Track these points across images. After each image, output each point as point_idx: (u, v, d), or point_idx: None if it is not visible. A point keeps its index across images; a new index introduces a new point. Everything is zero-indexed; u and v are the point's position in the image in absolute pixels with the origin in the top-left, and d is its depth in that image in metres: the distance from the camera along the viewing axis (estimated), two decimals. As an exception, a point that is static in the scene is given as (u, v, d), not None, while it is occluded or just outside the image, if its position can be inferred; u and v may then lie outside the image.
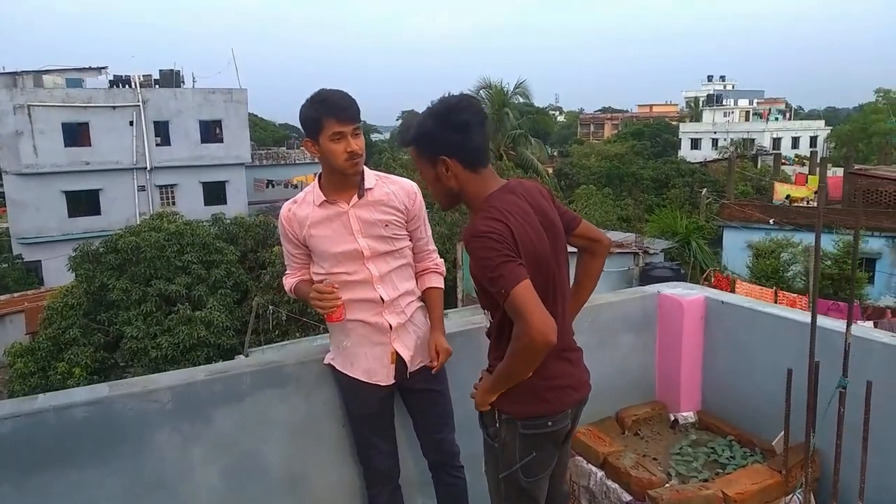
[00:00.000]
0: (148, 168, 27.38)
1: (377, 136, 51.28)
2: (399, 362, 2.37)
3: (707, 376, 3.34)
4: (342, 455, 2.58)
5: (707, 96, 68.25)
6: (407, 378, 2.39)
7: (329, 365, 2.45)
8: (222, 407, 2.37)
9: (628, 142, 44.26)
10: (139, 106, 27.08)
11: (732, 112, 60.86)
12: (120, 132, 26.83)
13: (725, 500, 2.57)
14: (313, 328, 13.53)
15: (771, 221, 19.67)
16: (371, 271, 2.30)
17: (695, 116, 64.52)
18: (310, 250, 2.36)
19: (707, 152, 48.53)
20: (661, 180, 31.84)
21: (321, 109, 2.17)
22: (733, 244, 19.98)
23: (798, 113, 69.47)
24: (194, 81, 31.02)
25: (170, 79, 29.77)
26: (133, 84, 28.05)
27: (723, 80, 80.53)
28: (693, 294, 3.32)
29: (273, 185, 32.48)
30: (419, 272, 2.48)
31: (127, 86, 28.10)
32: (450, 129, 1.85)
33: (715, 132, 52.90)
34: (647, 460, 2.94)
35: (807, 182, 26.83)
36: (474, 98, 1.94)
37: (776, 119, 56.73)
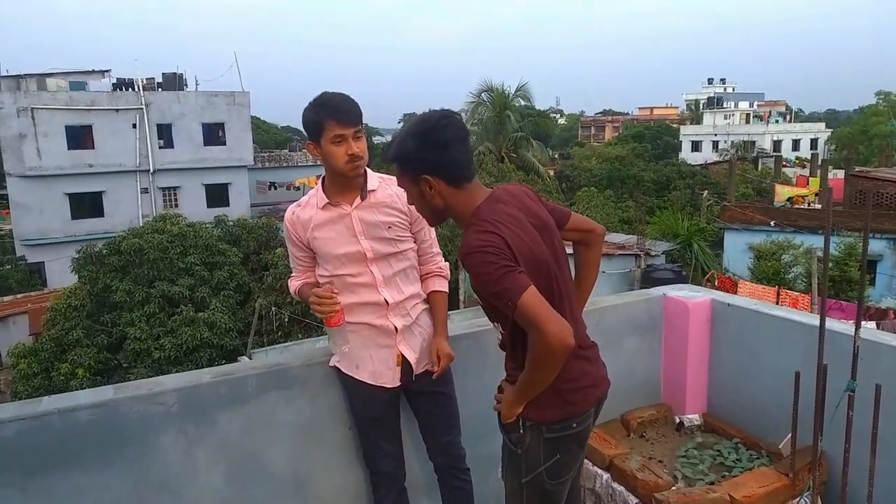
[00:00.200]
0: (151, 170, 27.42)
1: (379, 139, 51.28)
2: (405, 365, 2.37)
3: (713, 378, 3.33)
4: (348, 458, 2.57)
5: (707, 99, 68.31)
6: (413, 380, 2.39)
7: (335, 367, 2.45)
8: (227, 409, 2.36)
9: (629, 144, 44.26)
10: (142, 109, 27.13)
11: (733, 114, 60.84)
12: (123, 135, 26.89)
13: (732, 503, 2.56)
14: (316, 329, 13.53)
15: (772, 223, 19.64)
16: (374, 274, 2.30)
17: (695, 119, 64.53)
18: (314, 253, 2.36)
19: (708, 154, 48.53)
20: (662, 182, 31.81)
21: (322, 112, 2.18)
22: (734, 246, 19.93)
23: (798, 115, 69.48)
24: (197, 84, 31.13)
25: (173, 82, 29.79)
26: (136, 87, 28.08)
27: (723, 83, 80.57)
28: (699, 296, 3.31)
29: (275, 188, 32.53)
30: (423, 275, 2.47)
31: (130, 89, 28.14)
32: (430, 148, 1.81)
33: (715, 134, 52.89)
34: (653, 463, 2.93)
35: (808, 184, 26.82)
36: (454, 114, 1.89)
37: (777, 121, 56.67)
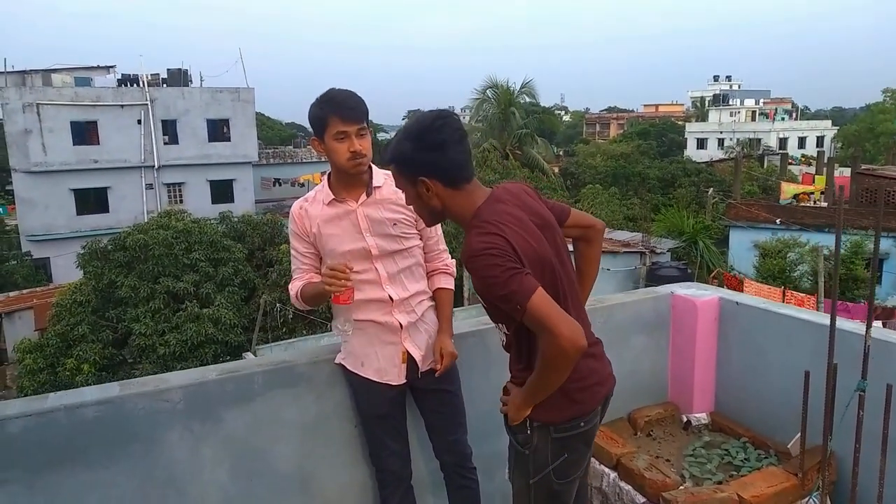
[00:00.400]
0: (156, 166, 27.46)
1: (383, 136, 51.29)
2: (410, 362, 2.35)
3: (720, 377, 3.31)
4: (353, 455, 2.56)
5: (713, 96, 68.07)
6: (418, 378, 2.37)
7: (340, 365, 2.44)
8: (233, 406, 2.35)
9: (634, 141, 44.15)
10: (147, 105, 27.16)
11: (738, 112, 60.63)
12: (128, 131, 26.93)
13: (741, 503, 2.54)
14: (320, 326, 13.54)
15: (777, 221, 19.57)
16: (379, 271, 2.29)
17: (701, 116, 64.29)
18: (318, 250, 2.35)
19: (713, 152, 48.36)
20: (667, 180, 31.75)
21: (327, 108, 2.17)
22: (739, 244, 19.87)
23: (804, 113, 69.19)
24: (202, 80, 31.14)
25: (177, 78, 29.84)
26: (141, 83, 28.15)
27: (729, 80, 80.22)
28: (707, 295, 3.28)
29: (280, 184, 32.57)
30: (429, 272, 2.46)
31: (135, 85, 28.21)
32: (426, 150, 1.79)
33: (721, 132, 52.70)
34: (661, 462, 2.91)
35: (813, 182, 26.71)
36: (451, 115, 1.85)
37: (782, 119, 56.43)
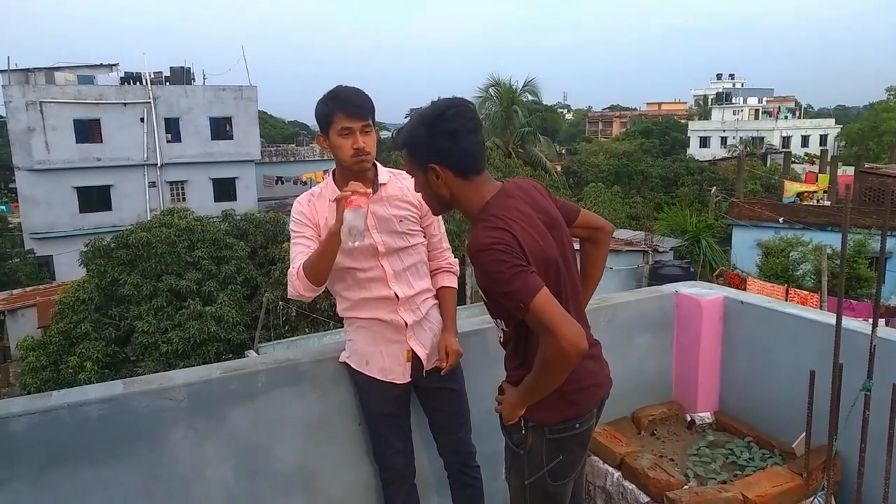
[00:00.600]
0: (158, 164, 27.47)
1: (385, 134, 51.24)
2: (415, 360, 2.35)
3: (725, 376, 3.30)
4: (357, 454, 2.56)
5: (716, 94, 67.90)
6: (423, 376, 2.37)
7: (345, 363, 2.43)
8: (237, 405, 2.35)
9: (637, 140, 44.07)
10: (150, 103, 27.16)
11: (742, 110, 60.47)
12: (131, 129, 26.93)
13: (746, 503, 2.54)
14: (323, 324, 13.55)
15: (780, 220, 19.52)
16: (385, 268, 2.28)
17: (704, 114, 64.13)
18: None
19: (716, 150, 48.28)
20: (670, 178, 31.72)
21: (332, 104, 2.17)
22: (742, 243, 19.83)
23: (808, 111, 68.99)
24: (205, 79, 31.12)
25: (180, 76, 29.83)
26: (144, 81, 28.13)
27: (732, 78, 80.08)
28: (711, 294, 3.27)
29: (282, 182, 32.56)
30: (432, 271, 2.46)
31: (138, 83, 28.19)
32: (439, 137, 1.77)
33: (724, 130, 52.61)
34: (665, 461, 2.90)
35: (817, 181, 26.64)
36: (467, 104, 1.83)
37: (786, 117, 56.27)
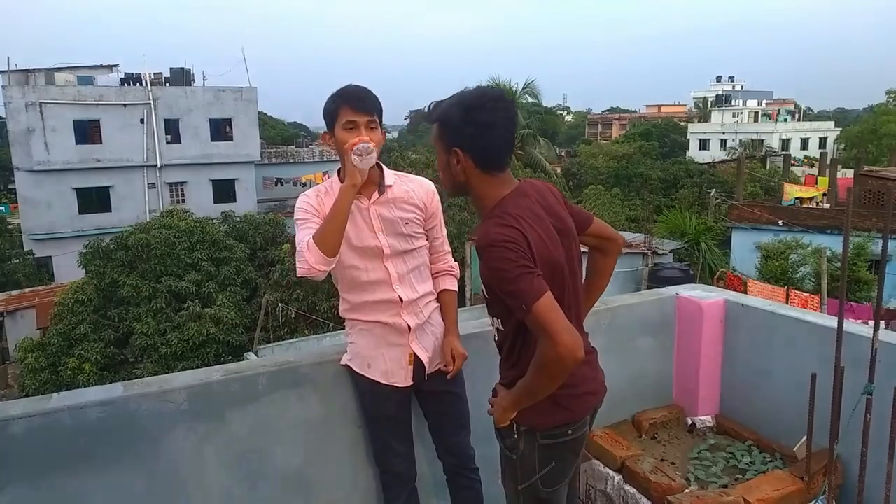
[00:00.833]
0: (158, 165, 27.48)
1: (392, 136, 51.28)
2: (417, 364, 2.34)
3: (725, 380, 3.30)
4: (358, 457, 2.55)
5: (716, 97, 67.93)
6: (425, 380, 2.36)
7: (346, 366, 2.43)
8: (238, 408, 2.34)
9: (636, 142, 44.06)
10: (150, 104, 27.17)
11: (741, 113, 60.48)
12: (131, 130, 26.94)
13: (746, 507, 2.53)
14: (322, 326, 13.54)
15: (780, 223, 19.53)
16: (389, 271, 2.28)
17: (703, 117, 64.20)
18: None
19: (716, 153, 48.29)
20: (670, 181, 31.72)
21: (339, 100, 2.18)
22: (742, 245, 19.83)
23: (807, 114, 69.00)
24: (204, 80, 31.10)
25: (180, 77, 29.82)
26: (144, 82, 28.12)
27: (731, 81, 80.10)
28: (712, 296, 3.27)
29: (282, 184, 32.56)
30: (434, 274, 2.45)
31: (138, 84, 28.18)
32: (471, 124, 1.77)
33: (724, 133, 52.63)
34: (666, 465, 2.89)
35: (816, 183, 26.63)
36: (508, 101, 1.82)
37: (785, 120, 56.29)
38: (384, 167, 2.32)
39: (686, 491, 2.66)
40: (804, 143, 51.83)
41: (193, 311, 13.49)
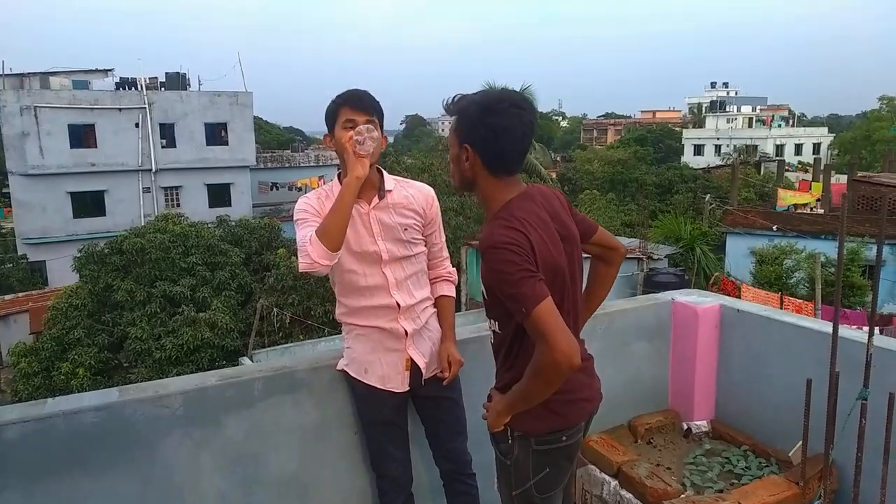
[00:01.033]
0: (153, 170, 27.43)
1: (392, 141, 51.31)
2: (413, 369, 2.34)
3: (721, 385, 3.31)
4: (354, 462, 2.55)
5: (710, 102, 68.29)
6: (422, 385, 2.36)
7: (342, 371, 2.42)
8: (233, 413, 2.34)
9: (631, 147, 44.21)
10: (145, 108, 27.16)
11: (735, 118, 60.78)
12: (126, 134, 26.91)
13: (742, 512, 2.53)
14: (317, 331, 13.51)
15: (774, 228, 19.61)
16: (387, 276, 2.28)
17: (698, 122, 64.49)
18: None
19: (710, 158, 48.54)
20: (665, 186, 31.84)
21: (339, 101, 2.22)
22: (736, 250, 19.91)
23: (801, 120, 69.39)
24: (200, 84, 31.12)
25: (176, 81, 29.80)
26: (139, 86, 28.10)
27: (726, 87, 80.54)
28: (708, 302, 3.28)
29: (277, 188, 32.53)
30: (432, 279, 2.46)
31: (133, 88, 28.16)
32: (485, 126, 1.78)
33: (718, 138, 52.92)
34: (662, 470, 2.90)
35: (810, 189, 26.74)
36: (529, 108, 1.82)
37: (779, 126, 56.56)
38: (384, 172, 2.33)
39: (682, 496, 2.67)
40: (798, 149, 52.15)
41: (188, 316, 13.45)
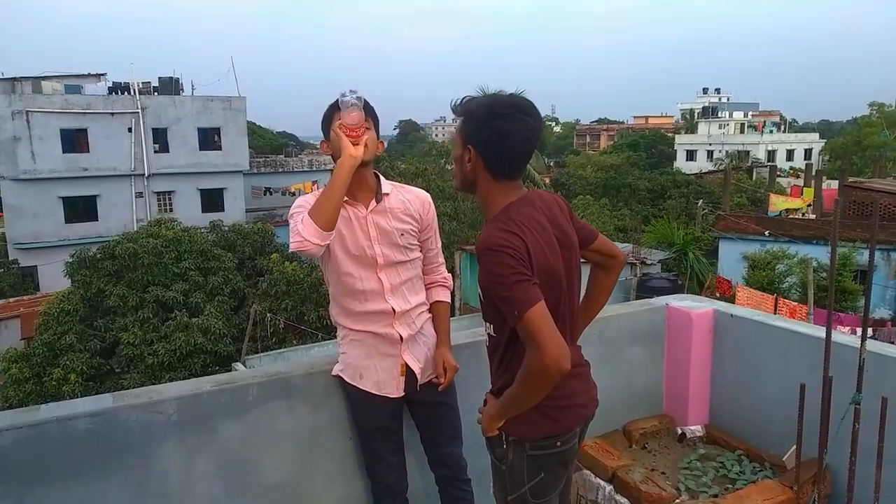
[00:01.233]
0: (146, 174, 27.32)
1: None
2: (408, 374, 2.34)
3: (715, 389, 3.32)
4: (349, 468, 2.54)
5: (702, 108, 68.61)
6: (417, 390, 2.36)
7: (337, 376, 2.42)
8: (228, 418, 2.33)
9: (624, 153, 44.43)
10: (138, 113, 27.05)
11: (727, 124, 61.14)
12: (118, 139, 26.79)
13: (737, 517, 2.54)
14: (311, 336, 13.47)
15: (766, 233, 19.72)
16: (383, 281, 2.28)
17: (690, 128, 64.79)
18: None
19: (702, 164, 48.75)
20: (658, 191, 31.99)
21: (334, 105, 2.23)
22: (729, 255, 20.00)
23: (792, 126, 69.83)
24: (193, 89, 31.05)
25: (169, 86, 29.74)
26: (132, 91, 28.02)
27: (718, 93, 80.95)
28: (702, 307, 3.29)
29: (271, 193, 32.53)
30: (427, 285, 2.46)
31: (126, 93, 28.07)
32: (489, 128, 1.78)
33: (710, 144, 53.18)
34: (656, 475, 2.90)
35: (801, 194, 26.93)
36: (532, 114, 1.81)
37: (771, 131, 56.92)
38: (381, 176, 2.34)
39: (677, 501, 2.67)
40: (790, 155, 52.45)
41: (181, 321, 13.38)
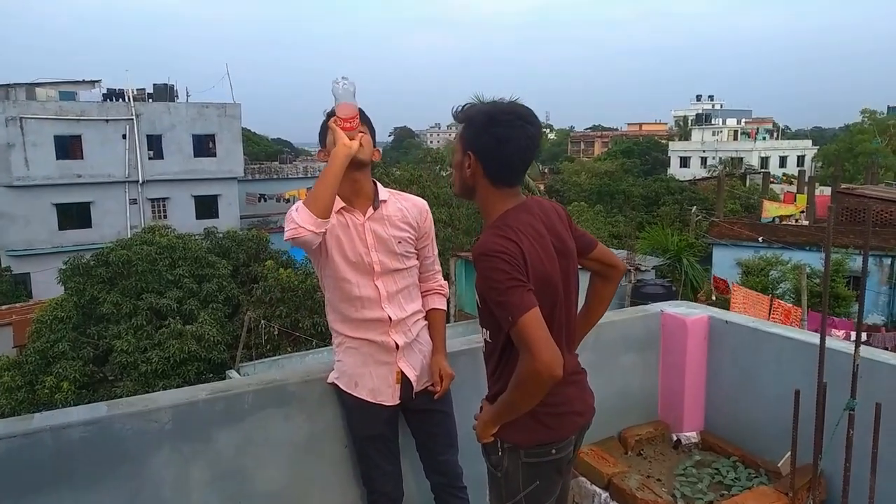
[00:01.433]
0: (140, 181, 27.26)
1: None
2: (404, 382, 2.34)
3: (710, 396, 3.32)
4: (345, 476, 2.53)
5: (696, 115, 68.99)
6: (412, 398, 2.36)
7: (333, 384, 2.42)
8: (223, 427, 2.32)
9: (618, 159, 44.66)
10: (132, 119, 27.02)
11: (721, 131, 61.44)
12: (113, 145, 26.74)
13: (732, 523, 2.54)
14: (305, 343, 13.43)
15: (760, 239, 19.80)
16: (379, 289, 2.28)
17: (684, 135, 65.13)
18: (323, 246, 2.25)
19: (696, 170, 49.02)
20: (651, 198, 32.09)
21: (330, 114, 2.23)
22: (723, 261, 20.07)
23: (785, 132, 70.25)
24: (188, 95, 31.01)
25: (163, 93, 29.70)
26: (127, 98, 27.96)
27: (711, 100, 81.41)
28: (696, 313, 3.31)
29: (265, 200, 32.43)
30: (423, 292, 2.46)
31: (120, 99, 28.01)
32: (489, 135, 1.80)
33: (704, 151, 53.47)
34: (652, 481, 2.91)
35: (794, 201, 27.06)
36: (532, 122, 1.82)
37: (764, 138, 57.21)
38: (378, 184, 2.34)
39: (673, 507, 2.68)
40: (783, 161, 52.76)
41: (175, 329, 13.31)
